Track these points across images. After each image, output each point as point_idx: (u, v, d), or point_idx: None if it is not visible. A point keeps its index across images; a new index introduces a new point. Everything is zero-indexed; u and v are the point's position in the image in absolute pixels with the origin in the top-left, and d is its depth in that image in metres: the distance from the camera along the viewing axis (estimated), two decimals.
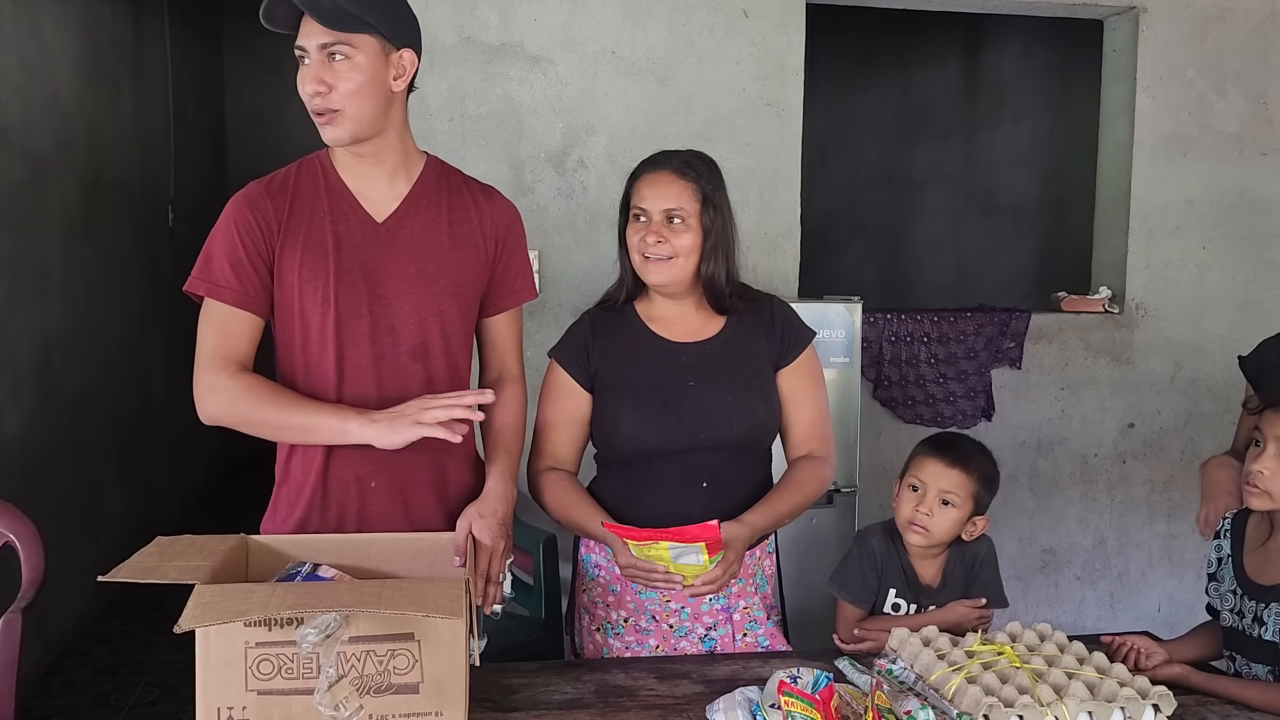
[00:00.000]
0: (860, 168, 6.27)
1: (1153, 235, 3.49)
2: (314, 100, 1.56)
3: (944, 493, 1.81)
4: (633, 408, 1.79)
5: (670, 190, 1.75)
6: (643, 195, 1.78)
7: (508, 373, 1.81)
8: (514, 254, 1.77)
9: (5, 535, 2.07)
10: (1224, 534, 1.76)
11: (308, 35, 1.54)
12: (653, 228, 1.76)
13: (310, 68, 1.55)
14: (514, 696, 1.55)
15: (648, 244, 1.76)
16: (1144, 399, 3.54)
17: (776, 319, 1.87)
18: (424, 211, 1.68)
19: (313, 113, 1.58)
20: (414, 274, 1.66)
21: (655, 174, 1.78)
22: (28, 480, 3.19)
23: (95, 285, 3.91)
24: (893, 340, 3.37)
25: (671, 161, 1.79)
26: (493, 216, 1.74)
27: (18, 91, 3.20)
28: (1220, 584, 1.74)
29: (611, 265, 1.90)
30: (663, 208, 1.75)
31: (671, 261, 1.76)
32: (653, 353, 1.83)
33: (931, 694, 1.46)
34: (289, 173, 1.67)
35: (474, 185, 1.77)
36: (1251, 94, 3.48)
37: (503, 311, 1.78)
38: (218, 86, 6.21)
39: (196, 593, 1.29)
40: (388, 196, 1.67)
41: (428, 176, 1.71)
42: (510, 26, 3.05)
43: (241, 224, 1.60)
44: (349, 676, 1.29)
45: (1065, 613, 3.56)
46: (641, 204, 1.77)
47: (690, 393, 1.79)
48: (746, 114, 3.17)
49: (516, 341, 1.82)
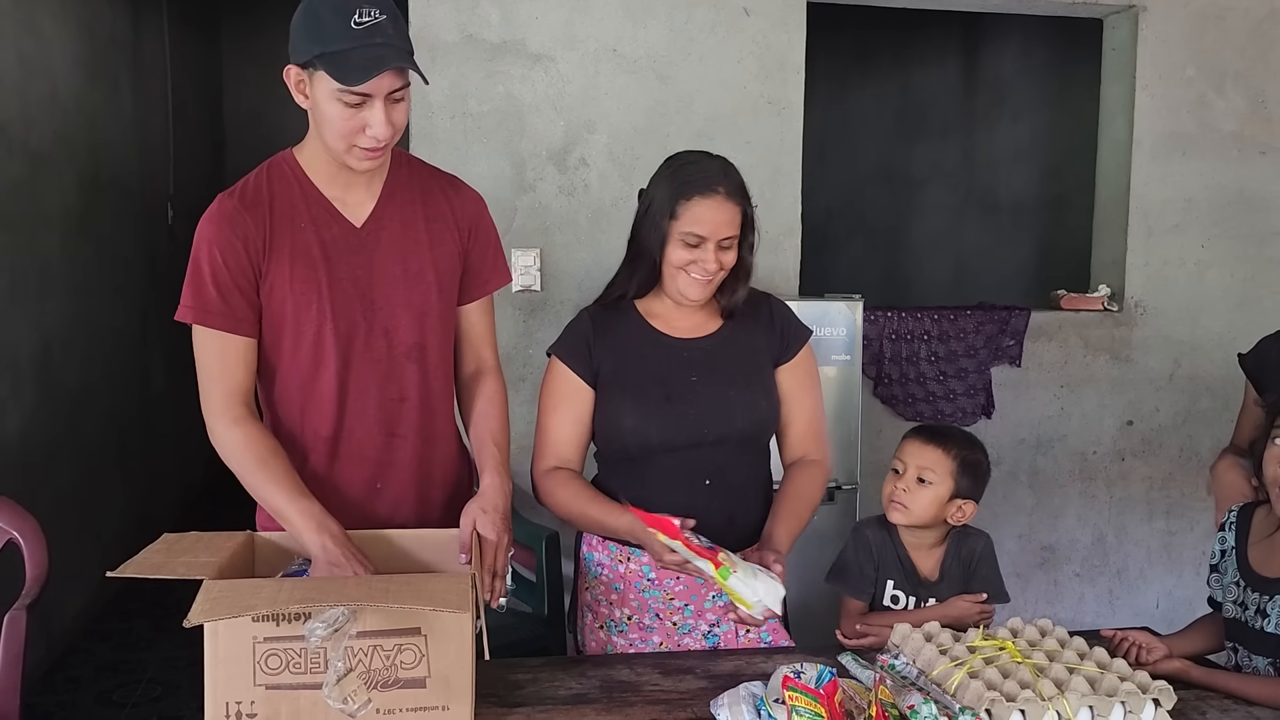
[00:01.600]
0: (860, 166, 6.28)
1: (1152, 233, 3.50)
2: (375, 141, 1.53)
3: (921, 469, 1.84)
4: (636, 404, 1.80)
5: (726, 216, 1.73)
6: (700, 221, 1.73)
7: (485, 364, 1.81)
8: (485, 242, 1.77)
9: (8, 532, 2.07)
10: (1229, 526, 1.77)
11: (383, 84, 1.49)
12: (711, 256, 1.74)
13: (377, 112, 1.50)
14: (519, 691, 1.56)
15: (707, 270, 1.74)
16: (1143, 397, 3.55)
17: (776, 317, 1.89)
18: (400, 210, 1.68)
19: (364, 149, 1.54)
20: (400, 275, 1.66)
21: (711, 199, 1.73)
22: (29, 477, 3.19)
23: (95, 282, 3.91)
24: (893, 338, 3.38)
25: (723, 183, 1.74)
26: (463, 208, 1.74)
27: (17, 88, 3.20)
28: (1223, 575, 1.75)
29: (614, 262, 1.90)
30: (722, 236, 1.74)
31: (716, 277, 1.77)
32: (654, 349, 1.83)
33: (934, 689, 1.47)
34: (259, 181, 1.64)
35: (440, 177, 1.76)
36: (1250, 93, 3.49)
37: (475, 300, 1.78)
38: (216, 84, 6.20)
39: (205, 588, 1.30)
40: (363, 198, 1.66)
41: (397, 173, 1.70)
42: (512, 24, 3.05)
43: (223, 245, 1.57)
44: (356, 670, 1.30)
45: (1064, 609, 3.58)
46: (699, 230, 1.73)
47: (693, 388, 1.80)
48: (747, 112, 3.17)
49: (490, 331, 1.82)
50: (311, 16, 1.50)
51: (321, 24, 1.48)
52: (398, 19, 1.53)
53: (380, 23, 1.48)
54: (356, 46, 1.46)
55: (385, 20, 1.48)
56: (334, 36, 1.47)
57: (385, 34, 1.48)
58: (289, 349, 1.64)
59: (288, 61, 1.56)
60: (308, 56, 1.50)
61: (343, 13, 1.47)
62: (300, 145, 1.66)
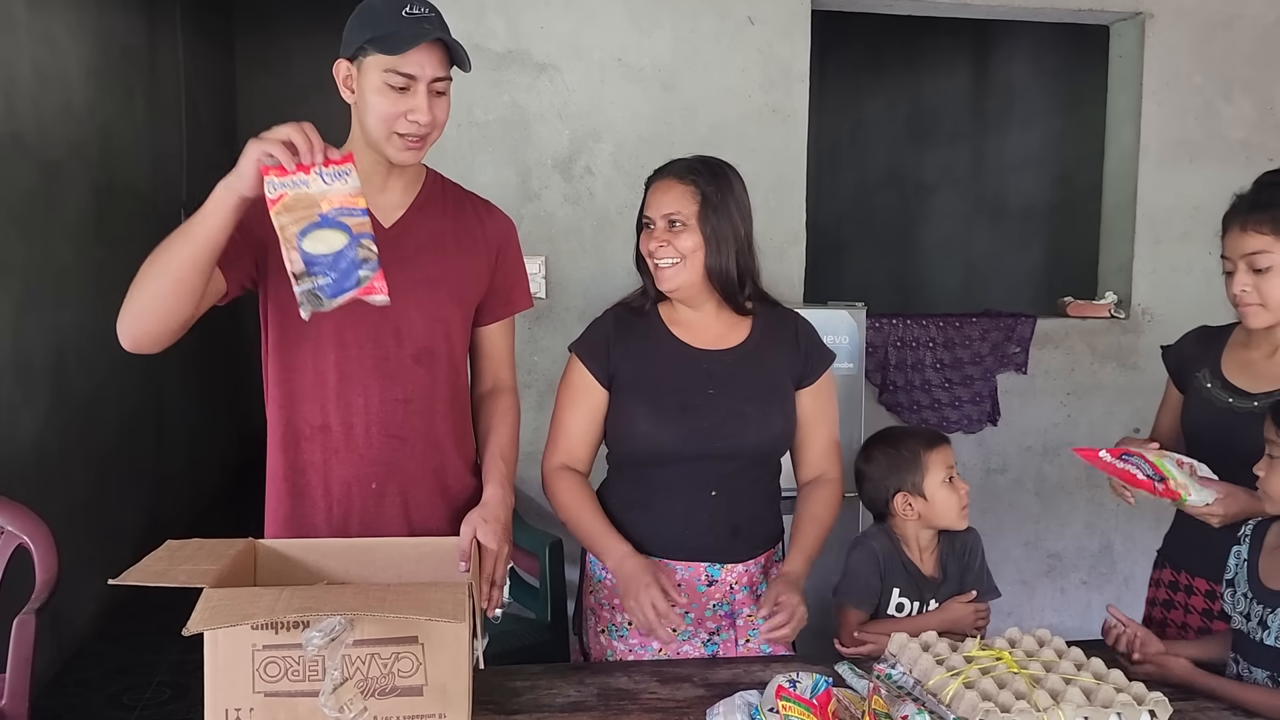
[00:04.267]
0: (870, 172, 6.28)
1: (1159, 240, 3.49)
2: (416, 128, 1.59)
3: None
4: (651, 410, 1.81)
5: (669, 195, 1.79)
6: (648, 203, 1.82)
7: (502, 384, 1.84)
8: (513, 264, 1.82)
9: (20, 537, 2.10)
10: (1244, 539, 1.77)
11: (426, 66, 1.57)
12: (656, 234, 1.79)
13: (419, 97, 1.57)
14: (517, 699, 1.57)
15: (652, 249, 1.79)
16: (1150, 404, 3.48)
17: (801, 337, 1.90)
18: (430, 219, 1.72)
19: (405, 136, 1.59)
20: (420, 279, 1.68)
21: (659, 181, 1.82)
22: (42, 482, 3.23)
23: (108, 290, 3.92)
24: (898, 345, 3.38)
25: (675, 168, 1.82)
26: (494, 228, 1.79)
27: (32, 97, 3.24)
28: (1235, 589, 1.75)
29: (618, 270, 1.93)
30: (663, 213, 1.79)
31: (677, 266, 1.78)
32: (674, 357, 1.84)
33: (929, 699, 1.47)
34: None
35: (474, 199, 1.82)
36: (1259, 100, 3.48)
37: (498, 320, 1.82)
38: (229, 92, 6.25)
39: (205, 596, 1.31)
40: (395, 202, 1.70)
41: (431, 188, 1.76)
42: (517, 34, 3.07)
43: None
44: (354, 679, 1.31)
45: (1070, 617, 3.57)
46: (648, 211, 1.82)
47: (710, 400, 1.81)
48: (752, 120, 3.19)
49: (510, 352, 1.86)
50: (366, 10, 1.60)
51: (374, 13, 1.58)
52: (443, 19, 1.62)
53: (429, 15, 1.59)
54: (404, 28, 1.55)
55: (434, 15, 1.60)
56: (384, 23, 1.56)
57: (432, 22, 1.58)
58: (297, 338, 1.66)
59: (299, 69, 1.60)
60: (358, 44, 1.58)
61: (395, 5, 1.57)
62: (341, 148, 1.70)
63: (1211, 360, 1.95)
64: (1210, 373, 1.93)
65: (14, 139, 3.11)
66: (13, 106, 3.10)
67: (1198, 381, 1.95)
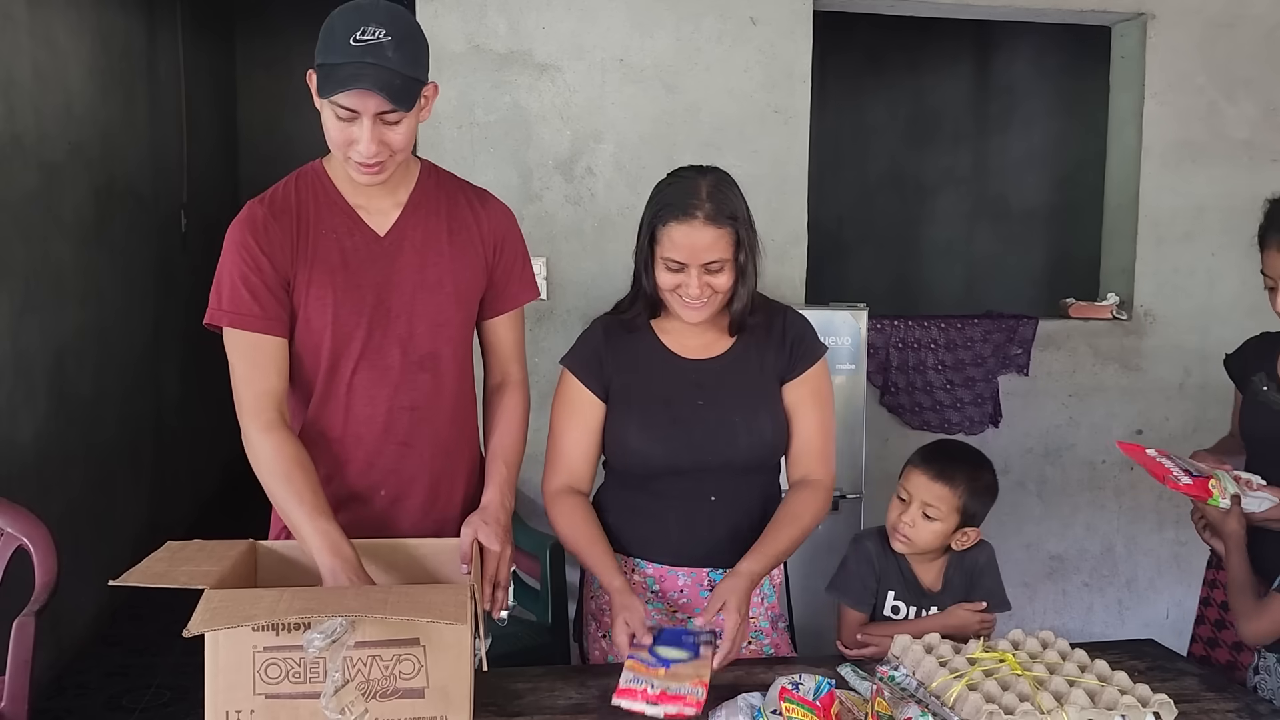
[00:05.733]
0: (871, 173, 6.28)
1: (1162, 241, 3.48)
2: (369, 159, 1.53)
3: (926, 506, 1.83)
4: (641, 425, 1.79)
5: (704, 242, 1.66)
6: (677, 247, 1.67)
7: (510, 378, 1.82)
8: (513, 256, 1.78)
9: (19, 539, 2.10)
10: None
11: (368, 102, 1.48)
12: (695, 281, 1.68)
13: (365, 129, 1.50)
14: (519, 701, 1.57)
15: (690, 294, 1.70)
16: (1152, 406, 3.53)
17: (788, 332, 1.84)
18: (424, 221, 1.69)
19: (358, 163, 1.55)
20: (419, 285, 1.67)
21: (687, 225, 1.66)
22: (42, 484, 3.22)
23: (108, 291, 3.94)
24: (900, 347, 3.37)
25: (701, 207, 1.66)
26: (490, 221, 1.75)
27: (31, 99, 3.24)
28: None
29: (619, 271, 1.91)
30: (702, 261, 1.67)
31: (711, 300, 1.72)
32: (663, 368, 1.81)
33: (933, 700, 1.47)
34: (288, 189, 1.66)
35: (469, 190, 1.77)
36: (1262, 100, 3.47)
37: (503, 314, 1.79)
38: (230, 93, 6.26)
39: (205, 597, 1.31)
40: (387, 206, 1.68)
41: (424, 184, 1.72)
42: (519, 35, 3.07)
43: (251, 249, 1.59)
44: (355, 681, 1.31)
45: (1073, 619, 3.56)
46: (676, 256, 1.68)
47: (699, 412, 1.78)
48: (754, 121, 3.18)
49: (519, 345, 1.83)
50: (328, 26, 1.52)
51: (331, 35, 1.50)
52: (407, 43, 1.50)
53: (380, 43, 1.46)
54: (346, 62, 1.47)
55: (387, 42, 1.47)
56: (333, 49, 1.48)
57: (380, 55, 1.46)
58: (303, 353, 1.65)
59: (300, 69, 1.60)
60: (314, 64, 1.53)
61: (349, 27, 1.48)
62: (329, 155, 1.68)
63: (1268, 364, 2.01)
64: (1267, 375, 1.99)
65: (14, 140, 3.11)
66: (13, 107, 3.09)
67: (1254, 385, 2.00)
